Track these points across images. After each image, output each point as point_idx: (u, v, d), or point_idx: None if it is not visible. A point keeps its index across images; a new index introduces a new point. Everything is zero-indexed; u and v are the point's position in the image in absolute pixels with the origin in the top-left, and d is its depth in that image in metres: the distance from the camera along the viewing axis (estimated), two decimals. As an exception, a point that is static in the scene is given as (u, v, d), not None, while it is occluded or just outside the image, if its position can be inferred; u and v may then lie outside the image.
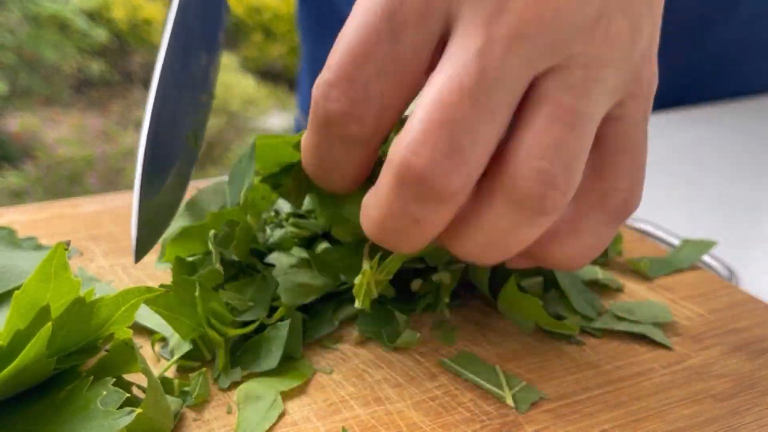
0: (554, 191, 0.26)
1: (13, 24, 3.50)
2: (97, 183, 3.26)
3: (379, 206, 0.28)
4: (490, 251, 0.28)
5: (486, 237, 0.28)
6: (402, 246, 0.29)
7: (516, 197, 0.26)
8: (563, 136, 0.26)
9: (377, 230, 0.28)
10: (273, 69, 4.34)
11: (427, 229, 0.27)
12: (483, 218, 0.27)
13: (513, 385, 0.31)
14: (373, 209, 0.28)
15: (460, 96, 0.25)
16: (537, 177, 0.26)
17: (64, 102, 3.84)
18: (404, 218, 0.27)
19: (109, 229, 0.44)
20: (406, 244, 0.28)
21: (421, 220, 0.27)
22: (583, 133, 0.27)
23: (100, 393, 0.23)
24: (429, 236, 0.28)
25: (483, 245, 0.28)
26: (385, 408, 0.29)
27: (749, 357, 0.34)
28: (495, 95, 0.26)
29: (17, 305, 0.23)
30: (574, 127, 0.26)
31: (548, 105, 0.26)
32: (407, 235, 0.28)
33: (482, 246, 0.28)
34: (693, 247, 0.42)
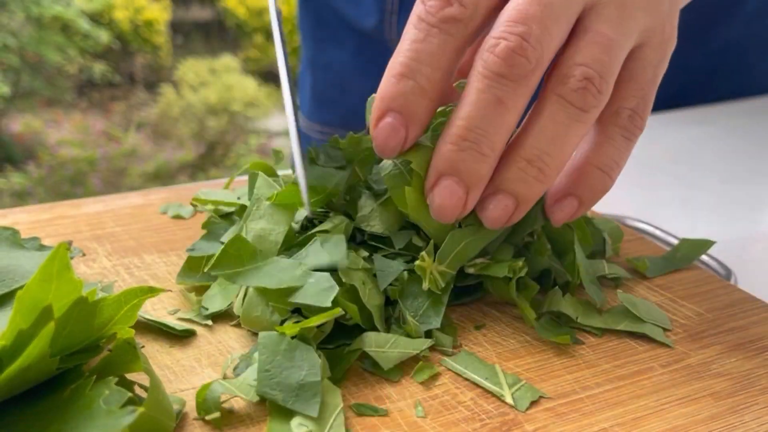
0: (592, 87, 0.34)
1: (15, 26, 3.50)
2: (99, 184, 3.26)
3: (467, 99, 0.34)
4: (550, 150, 0.34)
5: (544, 135, 0.34)
6: (482, 141, 0.33)
7: (564, 91, 0.34)
8: (599, 54, 0.34)
9: (464, 126, 0.33)
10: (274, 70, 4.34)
11: (507, 112, 0.33)
12: (542, 116, 0.34)
13: (513, 384, 0.31)
14: (462, 107, 0.34)
15: (537, 5, 0.33)
16: (579, 74, 0.34)
17: (66, 103, 3.84)
18: (490, 103, 0.33)
19: (111, 229, 0.44)
20: (485, 137, 0.33)
21: (504, 99, 0.33)
22: (613, 55, 0.35)
23: (103, 392, 0.23)
24: (506, 123, 0.33)
25: (542, 146, 0.34)
26: (386, 407, 0.30)
27: (748, 355, 0.34)
28: (558, 7, 0.34)
29: (20, 305, 0.23)
30: (608, 48, 0.34)
31: (590, 32, 0.35)
32: (490, 122, 0.33)
33: (542, 148, 0.34)
34: (691, 246, 0.43)
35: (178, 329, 0.34)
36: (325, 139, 0.88)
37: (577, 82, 0.34)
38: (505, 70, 0.33)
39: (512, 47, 0.33)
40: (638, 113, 0.37)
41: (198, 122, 3.71)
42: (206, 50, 4.46)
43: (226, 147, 3.68)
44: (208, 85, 3.87)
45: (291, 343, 0.30)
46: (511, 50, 0.33)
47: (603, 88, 0.34)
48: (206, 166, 3.55)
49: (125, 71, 4.20)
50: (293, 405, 0.28)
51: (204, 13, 4.77)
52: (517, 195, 0.34)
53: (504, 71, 0.33)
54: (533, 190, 0.35)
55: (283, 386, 0.28)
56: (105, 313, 0.26)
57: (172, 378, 0.31)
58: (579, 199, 0.37)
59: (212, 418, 0.28)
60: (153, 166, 3.43)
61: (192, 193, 0.49)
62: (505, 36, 0.33)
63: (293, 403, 0.28)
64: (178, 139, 3.68)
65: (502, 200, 0.35)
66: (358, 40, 0.79)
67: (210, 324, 0.35)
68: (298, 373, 0.29)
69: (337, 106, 0.83)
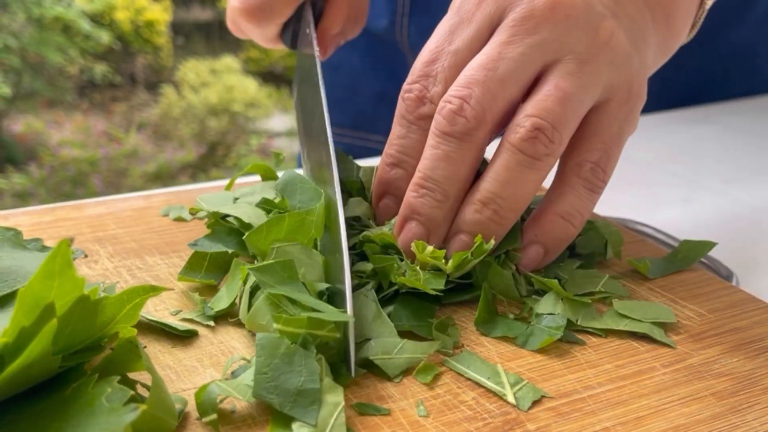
0: (543, 137, 0.36)
1: (17, 26, 3.51)
2: (100, 184, 3.27)
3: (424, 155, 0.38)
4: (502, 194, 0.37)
5: (497, 180, 0.37)
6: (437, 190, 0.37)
7: (515, 140, 0.37)
8: (552, 105, 0.36)
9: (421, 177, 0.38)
10: (275, 71, 4.35)
11: (455, 165, 0.37)
12: (496, 162, 0.37)
13: (515, 384, 0.31)
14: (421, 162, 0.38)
15: (483, 69, 0.37)
16: (530, 125, 0.36)
17: (67, 104, 3.85)
18: (440, 157, 0.37)
19: (113, 231, 0.44)
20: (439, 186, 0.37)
21: (451, 155, 0.37)
22: (568, 107, 0.37)
23: (106, 390, 0.23)
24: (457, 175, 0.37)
25: (495, 190, 0.37)
26: (388, 406, 0.30)
27: (749, 356, 0.34)
28: (505, 71, 0.37)
29: (22, 303, 0.23)
30: (562, 101, 0.37)
31: (547, 85, 0.37)
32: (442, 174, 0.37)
33: (495, 191, 0.37)
34: (692, 247, 0.43)
35: (180, 329, 0.34)
36: (335, 140, 0.88)
37: (527, 132, 0.36)
38: (449, 129, 0.37)
39: (453, 109, 0.37)
40: (600, 166, 0.39)
41: (199, 123, 3.71)
42: (207, 51, 4.46)
43: (227, 147, 3.68)
44: (208, 85, 3.87)
45: (290, 347, 0.29)
46: (452, 112, 0.37)
47: (555, 138, 0.36)
48: (207, 166, 3.56)
49: (126, 72, 4.20)
50: (291, 411, 0.28)
51: (205, 14, 4.77)
52: (473, 235, 0.37)
53: (448, 130, 0.37)
54: (489, 230, 0.37)
55: (281, 390, 0.28)
56: (107, 311, 0.26)
57: (174, 378, 0.31)
58: (544, 246, 0.39)
59: (209, 420, 0.27)
60: (154, 166, 3.43)
61: (193, 195, 0.50)
62: (449, 99, 0.37)
63: (291, 409, 0.28)
64: (179, 140, 3.68)
65: (462, 239, 0.38)
66: (368, 41, 0.79)
67: (212, 325, 0.35)
68: (297, 379, 0.28)
69: (347, 107, 0.83)
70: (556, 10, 0.37)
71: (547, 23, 0.37)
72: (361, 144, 0.84)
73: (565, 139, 0.37)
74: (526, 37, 0.37)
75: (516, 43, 0.37)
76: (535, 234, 0.39)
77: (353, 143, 0.84)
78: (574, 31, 0.37)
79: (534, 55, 0.37)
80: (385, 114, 0.83)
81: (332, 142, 0.40)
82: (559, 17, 0.37)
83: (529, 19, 0.37)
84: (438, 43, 0.39)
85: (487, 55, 0.37)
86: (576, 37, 0.37)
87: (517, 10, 0.38)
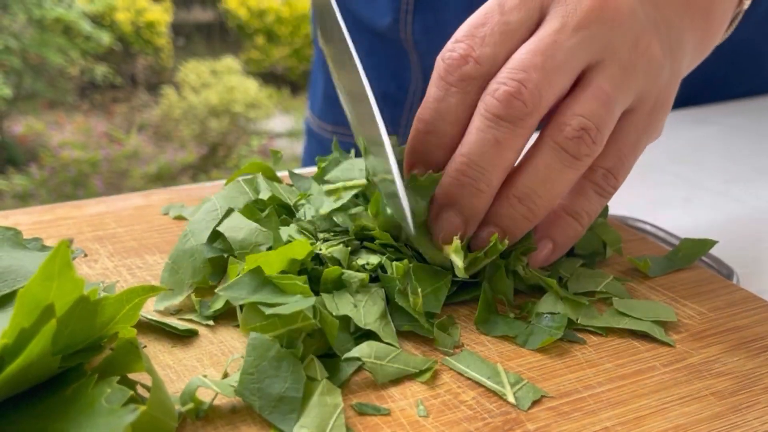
0: (587, 138, 0.36)
1: (17, 28, 3.51)
2: (101, 185, 3.27)
3: (468, 138, 0.36)
4: (539, 191, 0.36)
5: (536, 177, 0.36)
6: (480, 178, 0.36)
7: (560, 138, 0.36)
8: (598, 107, 0.36)
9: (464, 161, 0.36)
10: (275, 72, 4.35)
11: (504, 151, 0.36)
12: (536, 158, 0.37)
13: (515, 383, 0.31)
14: (464, 144, 0.36)
15: (540, 55, 0.36)
16: (576, 124, 0.36)
17: (68, 105, 3.85)
18: (488, 142, 0.35)
19: (113, 230, 0.44)
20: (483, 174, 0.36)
21: (500, 140, 0.35)
22: (610, 111, 0.37)
23: (105, 391, 0.23)
24: (503, 162, 0.36)
25: (533, 186, 0.36)
26: (388, 406, 0.30)
27: (750, 355, 0.34)
28: (561, 60, 0.36)
29: (21, 303, 0.23)
30: (607, 104, 0.36)
31: (592, 86, 0.37)
32: (488, 160, 0.36)
33: (532, 188, 0.36)
34: (693, 245, 0.43)
35: (180, 329, 0.34)
36: (338, 139, 0.88)
37: (574, 130, 0.36)
38: (503, 113, 0.35)
39: (511, 92, 0.35)
40: (613, 173, 0.39)
41: (199, 124, 3.71)
42: (208, 52, 4.47)
43: (228, 148, 3.68)
44: (209, 86, 3.87)
45: (280, 352, 0.29)
46: (509, 94, 0.35)
47: (598, 140, 0.36)
48: (208, 167, 3.56)
49: (127, 73, 4.20)
50: (269, 415, 0.28)
51: (205, 15, 4.78)
52: (504, 229, 0.37)
53: (502, 113, 0.35)
54: (519, 226, 0.37)
55: (263, 394, 0.28)
56: (107, 312, 0.26)
57: (174, 377, 0.31)
58: (553, 241, 0.39)
59: (186, 409, 0.28)
60: (155, 167, 3.43)
61: (193, 194, 0.50)
62: (505, 81, 0.35)
63: (269, 414, 0.28)
64: (179, 141, 3.68)
65: (491, 232, 0.37)
66: (371, 39, 0.79)
67: (212, 324, 0.35)
68: (281, 385, 0.28)
69: None
70: (604, 10, 0.37)
71: (595, 21, 0.36)
72: None
73: (605, 142, 0.37)
74: (577, 31, 0.36)
75: (568, 33, 0.36)
76: (546, 230, 0.39)
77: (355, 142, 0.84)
78: (618, 34, 0.37)
79: (583, 51, 0.36)
80: (386, 114, 0.83)
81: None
82: (606, 18, 0.37)
83: (579, 13, 0.36)
84: (488, 11, 0.37)
85: (541, 40, 0.36)
86: (620, 41, 0.37)
87: (566, 5, 0.37)
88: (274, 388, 0.28)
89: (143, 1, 4.16)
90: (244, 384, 0.28)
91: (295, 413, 0.28)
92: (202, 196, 0.49)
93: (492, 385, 0.31)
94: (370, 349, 0.32)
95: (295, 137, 3.79)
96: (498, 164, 0.36)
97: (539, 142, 0.37)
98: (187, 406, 0.28)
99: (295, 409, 0.28)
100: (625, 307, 0.37)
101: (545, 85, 0.35)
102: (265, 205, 0.41)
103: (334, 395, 0.29)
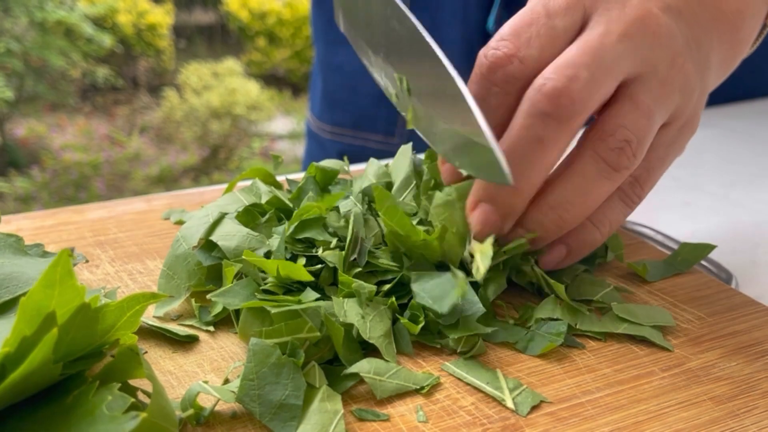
0: (628, 150, 0.35)
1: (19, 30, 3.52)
2: (103, 188, 3.27)
3: (510, 134, 0.35)
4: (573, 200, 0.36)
5: (571, 185, 0.36)
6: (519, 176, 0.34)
7: (601, 148, 0.35)
8: (641, 120, 0.36)
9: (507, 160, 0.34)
10: (277, 74, 4.35)
11: (546, 150, 0.34)
12: (573, 167, 0.36)
13: (514, 389, 0.31)
14: (504, 141, 0.35)
15: (590, 55, 0.34)
16: (620, 135, 0.35)
17: (70, 107, 3.86)
18: (531, 141, 0.34)
19: (114, 235, 0.44)
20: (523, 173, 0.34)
21: (545, 138, 0.34)
22: (652, 125, 0.36)
23: (106, 398, 0.24)
24: (545, 161, 0.35)
25: (567, 196, 0.36)
26: (388, 411, 0.30)
27: (748, 360, 0.34)
28: (608, 62, 0.35)
29: (23, 312, 0.23)
30: (649, 118, 0.36)
31: (634, 99, 0.36)
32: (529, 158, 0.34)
33: (566, 197, 0.36)
34: (692, 250, 0.43)
35: (181, 335, 0.34)
36: (335, 140, 0.89)
37: (617, 141, 0.35)
38: (550, 110, 0.34)
39: (560, 87, 0.34)
40: (640, 183, 0.39)
41: (201, 126, 3.72)
42: (209, 54, 4.47)
43: (230, 150, 3.68)
44: (211, 88, 3.87)
45: (280, 359, 0.29)
46: (558, 90, 0.34)
47: (638, 153, 0.36)
48: (209, 169, 3.56)
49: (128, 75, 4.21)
50: (269, 422, 0.28)
51: (207, 17, 4.78)
52: (531, 232, 0.37)
53: (549, 110, 0.34)
54: (547, 234, 0.37)
55: (263, 400, 0.28)
56: (108, 319, 0.26)
57: (174, 383, 0.31)
58: (568, 247, 0.38)
59: (187, 415, 0.28)
60: (156, 169, 3.44)
61: (194, 198, 0.50)
62: (553, 77, 0.34)
63: (270, 420, 0.28)
64: (181, 143, 3.69)
65: (519, 233, 0.37)
66: None
67: (212, 330, 0.35)
68: (281, 392, 0.29)
69: (348, 107, 0.84)
70: (647, 22, 0.36)
71: (638, 33, 0.36)
72: (360, 144, 0.84)
73: (643, 156, 0.37)
74: (621, 39, 0.35)
75: (613, 39, 0.35)
76: (563, 235, 0.38)
77: (353, 143, 0.84)
78: (658, 49, 0.36)
79: (627, 59, 0.35)
80: (385, 114, 0.84)
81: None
82: (648, 30, 0.36)
83: (622, 23, 0.36)
84: (533, 12, 0.36)
85: (588, 42, 0.35)
86: (659, 56, 0.36)
87: (610, 13, 0.36)
88: (274, 395, 0.28)
89: (145, 4, 4.17)
90: (245, 390, 0.28)
91: (295, 420, 0.28)
92: (203, 200, 0.49)
93: (491, 390, 0.31)
94: (370, 365, 0.32)
95: (296, 139, 3.80)
96: (540, 164, 0.35)
97: (578, 152, 0.36)
98: (187, 412, 0.28)
99: (295, 416, 0.28)
100: (623, 312, 0.37)
101: (594, 85, 0.34)
102: (265, 210, 0.42)
103: (335, 401, 0.29)
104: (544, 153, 0.34)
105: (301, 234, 0.38)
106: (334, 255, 0.37)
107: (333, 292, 0.36)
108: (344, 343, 0.32)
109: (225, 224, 0.39)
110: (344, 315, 0.33)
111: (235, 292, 0.34)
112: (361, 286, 0.34)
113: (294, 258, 0.37)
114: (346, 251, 0.37)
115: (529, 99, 0.34)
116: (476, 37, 0.77)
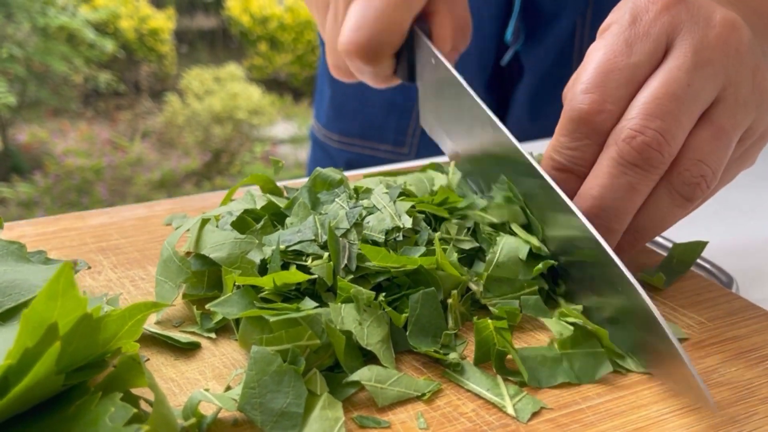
0: (704, 184, 0.37)
1: (22, 36, 3.52)
2: (105, 192, 3.27)
3: (601, 181, 0.37)
4: (647, 226, 0.38)
5: (647, 216, 0.38)
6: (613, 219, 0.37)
7: (677, 182, 0.37)
8: (718, 151, 0.37)
9: (596, 204, 0.37)
10: (278, 78, 4.36)
11: (637, 196, 0.37)
12: (649, 200, 0.37)
13: (514, 395, 0.31)
14: (595, 186, 0.37)
15: (675, 101, 0.36)
16: (697, 171, 0.37)
17: (72, 113, 3.86)
18: (622, 187, 0.36)
19: (116, 241, 0.44)
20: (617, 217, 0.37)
21: (636, 185, 0.36)
22: (728, 153, 0.37)
23: (109, 408, 0.24)
24: (635, 205, 0.37)
25: (640, 222, 0.38)
26: (389, 418, 0.30)
27: (748, 365, 0.34)
28: (692, 103, 0.36)
29: (26, 323, 0.23)
30: (726, 145, 0.37)
31: (714, 126, 0.37)
32: (621, 204, 0.37)
33: (639, 223, 0.38)
34: (685, 249, 0.43)
35: (183, 342, 0.34)
36: (343, 149, 0.88)
37: (693, 177, 0.37)
38: (640, 162, 0.36)
39: (648, 142, 0.36)
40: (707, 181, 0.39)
41: (203, 130, 3.72)
42: (211, 59, 4.48)
43: (231, 155, 3.69)
44: (212, 93, 3.88)
45: (281, 367, 0.29)
46: (647, 145, 0.36)
47: (712, 185, 0.37)
48: (211, 174, 3.56)
49: (130, 80, 4.21)
50: (270, 430, 0.28)
51: (208, 22, 4.79)
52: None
53: (639, 162, 0.36)
54: (623, 252, 0.38)
55: (265, 408, 0.28)
56: (109, 328, 0.26)
57: (176, 391, 0.31)
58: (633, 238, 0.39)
59: (189, 424, 0.28)
60: (158, 174, 3.44)
61: (196, 204, 0.50)
62: (642, 130, 0.36)
63: (271, 428, 0.28)
64: (183, 148, 3.69)
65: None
66: None
67: (214, 337, 0.35)
68: (283, 400, 0.29)
69: (355, 116, 0.84)
70: (729, 42, 0.37)
71: (720, 55, 0.37)
72: (369, 154, 0.84)
73: (718, 182, 0.38)
74: (704, 66, 0.37)
75: (696, 71, 0.37)
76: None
77: (362, 152, 0.84)
78: (740, 67, 0.37)
79: (711, 88, 0.37)
80: (394, 124, 0.83)
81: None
82: (730, 50, 0.37)
83: (705, 49, 0.37)
84: (615, 53, 0.38)
85: (673, 81, 0.36)
86: (742, 75, 0.37)
87: (693, 34, 0.37)
88: (275, 403, 0.29)
89: (146, 9, 4.17)
90: (246, 398, 0.28)
91: (297, 428, 0.28)
92: (205, 205, 0.49)
93: (491, 397, 0.31)
94: (371, 372, 0.32)
95: (298, 143, 3.80)
96: (631, 207, 0.37)
97: (659, 184, 0.37)
98: (189, 420, 0.28)
99: (296, 423, 0.28)
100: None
101: (680, 133, 0.36)
102: (260, 215, 0.42)
103: (336, 409, 0.29)
104: (633, 197, 0.37)
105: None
106: (323, 268, 0.36)
107: (330, 299, 0.36)
108: (345, 350, 0.32)
109: (208, 233, 0.39)
110: (341, 322, 0.33)
111: (233, 301, 0.34)
112: (359, 292, 0.34)
113: (286, 266, 0.37)
114: (334, 260, 0.37)
115: (618, 149, 0.36)
116: (491, 47, 0.77)
